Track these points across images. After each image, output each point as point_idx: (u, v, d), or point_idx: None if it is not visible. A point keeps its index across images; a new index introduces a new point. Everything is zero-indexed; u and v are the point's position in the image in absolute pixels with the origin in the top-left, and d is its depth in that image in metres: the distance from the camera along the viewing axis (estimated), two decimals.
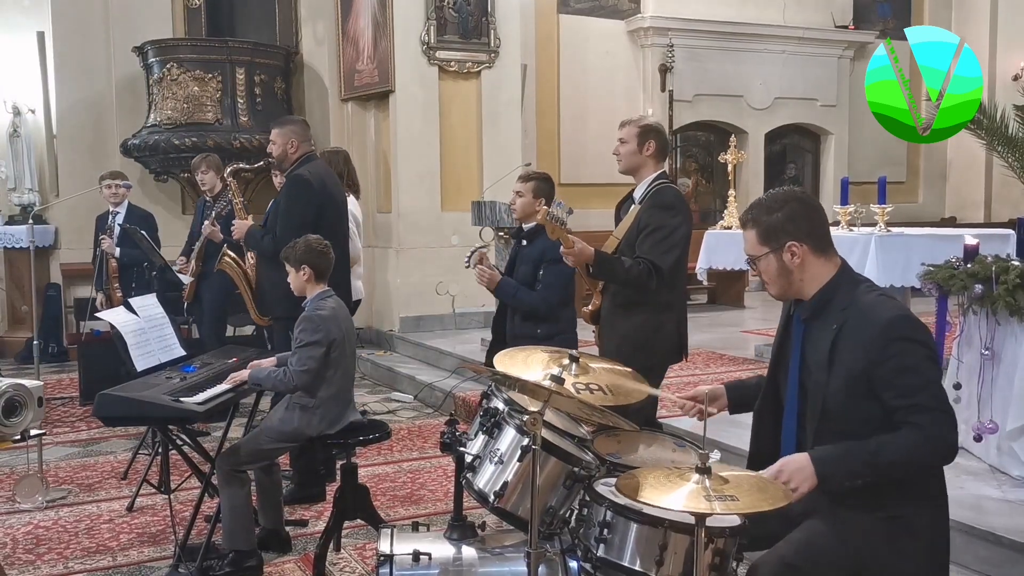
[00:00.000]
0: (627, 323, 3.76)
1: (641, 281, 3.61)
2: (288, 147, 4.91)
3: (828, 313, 2.45)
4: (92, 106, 9.37)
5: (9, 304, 9.56)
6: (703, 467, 2.06)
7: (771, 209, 2.50)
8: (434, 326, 8.95)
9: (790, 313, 2.62)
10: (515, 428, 2.52)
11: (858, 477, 2.30)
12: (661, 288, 3.66)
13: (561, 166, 11.07)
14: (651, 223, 3.66)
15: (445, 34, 8.89)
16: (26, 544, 4.30)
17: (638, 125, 3.86)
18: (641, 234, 3.67)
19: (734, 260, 7.03)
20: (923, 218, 12.56)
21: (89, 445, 6.06)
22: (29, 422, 2.75)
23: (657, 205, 3.70)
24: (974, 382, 4.21)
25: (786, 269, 2.47)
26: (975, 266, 4.19)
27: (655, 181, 3.81)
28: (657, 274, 3.60)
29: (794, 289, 2.51)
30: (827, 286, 2.47)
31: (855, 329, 2.36)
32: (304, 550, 4.19)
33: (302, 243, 3.98)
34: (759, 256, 2.52)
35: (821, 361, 2.41)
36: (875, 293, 2.45)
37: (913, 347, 2.31)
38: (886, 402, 2.30)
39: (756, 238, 2.51)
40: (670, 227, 3.65)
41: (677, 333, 3.85)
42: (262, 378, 3.86)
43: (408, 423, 6.57)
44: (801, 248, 2.45)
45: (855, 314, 2.39)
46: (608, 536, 2.30)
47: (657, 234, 3.64)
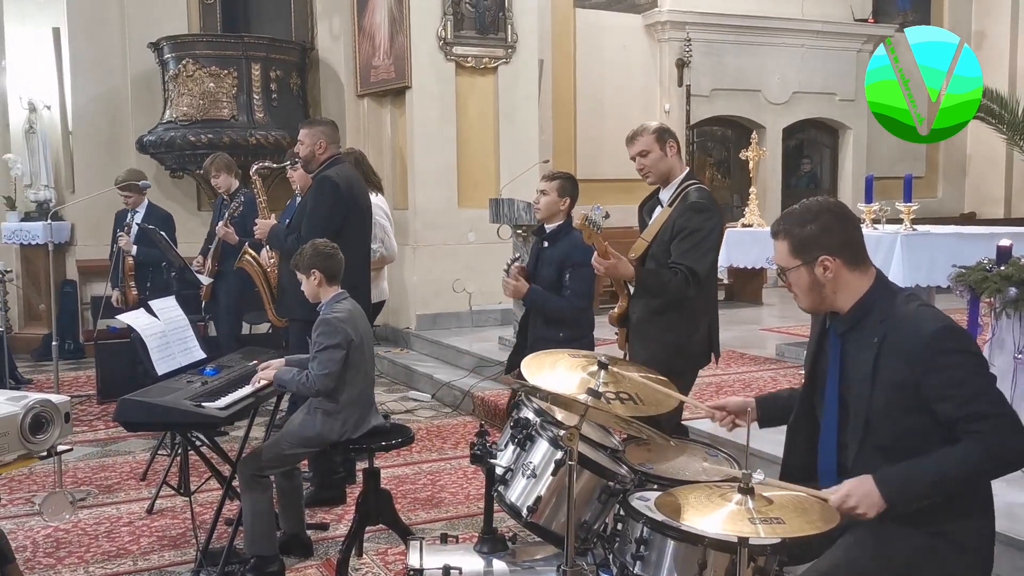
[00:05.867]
0: (661, 329, 3.68)
1: (680, 291, 3.54)
2: (316, 148, 4.86)
3: (866, 326, 2.38)
4: (108, 102, 9.35)
5: (25, 300, 9.56)
6: (746, 487, 2.00)
7: (804, 221, 2.43)
8: (451, 324, 8.89)
9: (825, 327, 2.55)
10: (548, 441, 2.47)
11: (925, 499, 2.25)
12: (697, 293, 3.60)
13: (578, 162, 10.98)
14: (687, 226, 3.58)
15: (462, 29, 8.82)
16: (46, 548, 4.28)
17: (649, 132, 3.72)
18: (676, 238, 3.59)
19: (755, 259, 6.96)
20: (942, 213, 12.44)
21: (107, 445, 6.04)
22: (56, 439, 2.71)
23: (691, 208, 3.61)
24: (1006, 386, 4.13)
25: (818, 283, 2.41)
26: (1009, 268, 4.10)
27: (684, 182, 3.73)
28: (695, 280, 3.54)
29: (826, 303, 2.45)
30: (864, 299, 2.41)
31: (898, 342, 2.30)
32: (326, 555, 4.15)
33: (309, 248, 3.93)
34: (790, 268, 2.45)
35: (864, 376, 2.35)
36: (915, 304, 2.38)
37: (963, 358, 2.25)
38: (944, 414, 2.24)
39: (788, 250, 2.44)
40: (706, 230, 3.58)
41: (709, 336, 3.79)
42: (286, 380, 3.81)
43: (427, 423, 6.53)
44: (834, 262, 2.38)
45: (896, 326, 2.32)
46: (645, 553, 2.26)
47: (693, 238, 3.56)
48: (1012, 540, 3.38)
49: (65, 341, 8.79)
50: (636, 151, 3.75)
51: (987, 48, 12.67)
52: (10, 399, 2.68)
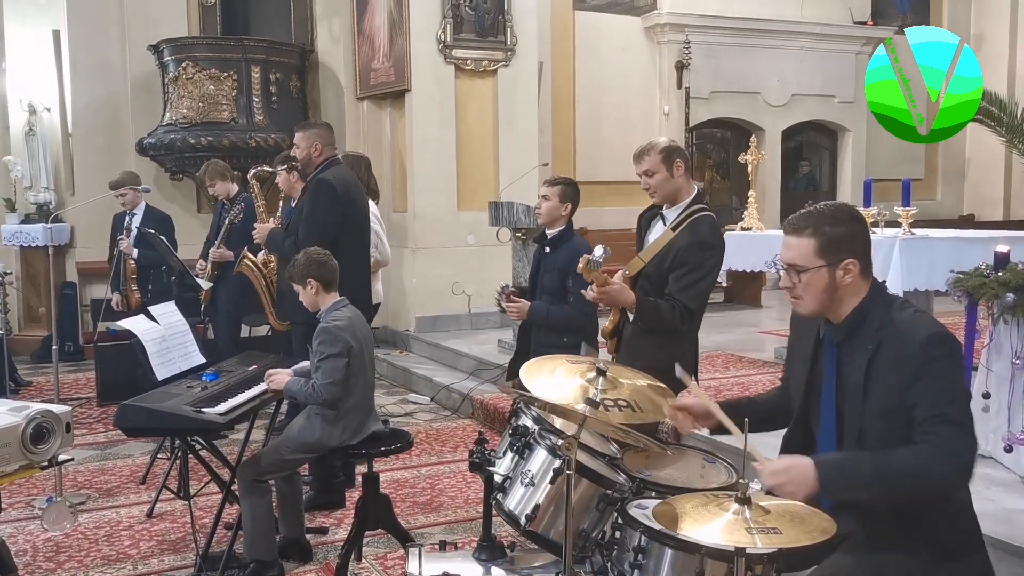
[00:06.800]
0: (649, 349, 3.56)
1: (674, 325, 3.52)
2: (312, 151, 4.87)
3: (862, 334, 2.36)
4: (107, 105, 9.36)
5: (25, 303, 9.57)
6: (743, 497, 2.01)
7: (836, 220, 2.36)
8: (450, 326, 8.91)
9: (819, 337, 2.51)
10: (547, 449, 2.48)
11: (865, 487, 2.20)
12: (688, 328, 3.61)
13: (577, 164, 11.01)
14: (689, 262, 3.50)
15: (461, 32, 8.83)
16: (46, 552, 4.29)
17: (656, 151, 3.61)
18: (675, 271, 3.52)
19: (754, 262, 6.96)
20: (941, 215, 12.46)
21: (107, 448, 6.05)
22: (57, 449, 2.71)
23: (695, 243, 3.52)
24: (1004, 391, 4.14)
25: (834, 286, 2.35)
26: (1006, 274, 4.11)
27: (691, 206, 3.63)
28: (688, 316, 3.51)
29: (832, 308, 2.40)
30: (860, 306, 2.37)
31: (891, 349, 2.28)
32: (325, 559, 4.16)
33: (302, 258, 3.92)
34: (810, 268, 2.35)
35: (857, 384, 2.33)
36: (910, 310, 2.36)
37: (948, 365, 2.24)
38: (916, 416, 2.22)
39: (814, 248, 2.34)
40: (707, 267, 3.53)
41: (694, 358, 3.79)
42: (295, 391, 3.81)
43: (426, 426, 6.54)
44: (856, 267, 2.35)
45: (891, 333, 2.30)
46: (643, 561, 2.26)
47: (693, 275, 3.50)
48: (1010, 547, 3.39)
49: (65, 343, 8.80)
50: (642, 169, 3.66)
51: (986, 50, 12.68)
52: (11, 409, 2.69)
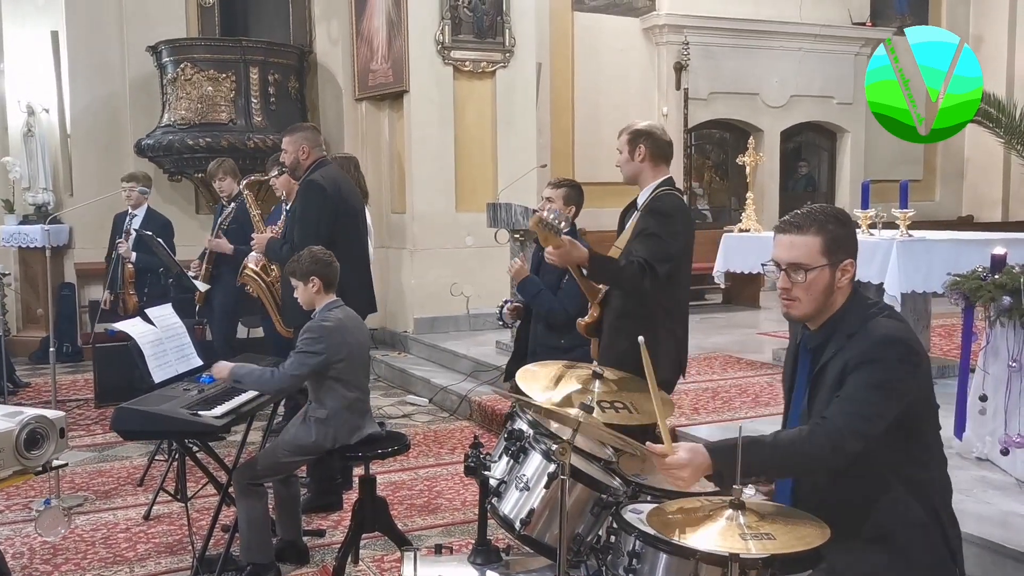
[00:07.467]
0: (625, 339, 3.36)
1: (635, 281, 3.39)
2: (300, 154, 4.88)
3: (834, 341, 2.35)
4: (106, 106, 9.35)
5: (23, 303, 9.57)
6: (737, 502, 2.01)
7: (839, 221, 2.36)
8: (448, 327, 8.90)
9: (797, 343, 2.51)
10: (541, 454, 2.48)
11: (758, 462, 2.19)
12: (659, 302, 3.50)
13: (575, 165, 11.00)
14: (647, 228, 3.49)
15: (460, 34, 8.83)
16: (43, 554, 4.28)
17: (628, 132, 3.67)
18: (636, 239, 3.51)
19: (752, 264, 6.95)
20: (940, 216, 12.46)
21: (104, 450, 6.05)
22: (51, 454, 2.71)
23: (654, 211, 3.53)
24: (1001, 394, 4.14)
25: (831, 287, 2.34)
26: (1003, 277, 4.11)
27: (657, 188, 3.63)
28: (651, 272, 3.39)
29: (824, 312, 2.39)
30: (837, 313, 2.37)
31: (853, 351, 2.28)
32: (322, 561, 4.16)
33: (307, 255, 3.93)
34: (815, 266, 2.33)
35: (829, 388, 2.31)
36: (884, 315, 2.35)
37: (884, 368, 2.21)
38: None
39: (820, 247, 2.32)
40: (666, 232, 3.46)
41: (676, 350, 3.66)
42: (242, 375, 3.79)
43: (424, 428, 6.54)
44: (853, 269, 2.35)
45: (858, 338, 2.29)
46: (637, 566, 2.26)
47: (652, 239, 3.45)
48: (1006, 549, 3.38)
49: (63, 344, 8.81)
50: (616, 146, 3.73)
51: (984, 52, 12.67)
52: (5, 415, 2.69)
